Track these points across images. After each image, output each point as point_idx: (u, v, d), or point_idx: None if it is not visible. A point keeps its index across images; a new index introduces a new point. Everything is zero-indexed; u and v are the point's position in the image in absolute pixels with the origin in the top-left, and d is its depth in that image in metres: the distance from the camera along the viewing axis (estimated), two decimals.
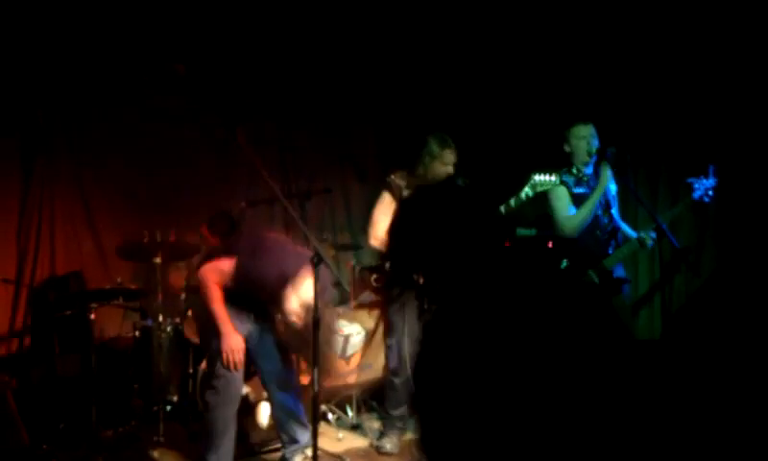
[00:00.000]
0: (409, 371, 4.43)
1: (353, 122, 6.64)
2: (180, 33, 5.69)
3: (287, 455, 4.06)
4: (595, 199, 4.26)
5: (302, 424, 4.05)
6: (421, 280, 4.34)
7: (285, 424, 4.04)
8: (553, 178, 4.11)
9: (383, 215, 4.50)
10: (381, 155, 6.80)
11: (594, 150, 4.31)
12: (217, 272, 3.71)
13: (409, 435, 4.66)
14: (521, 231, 5.06)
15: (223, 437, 3.76)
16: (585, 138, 4.34)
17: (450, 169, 4.45)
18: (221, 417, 3.75)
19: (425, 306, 4.34)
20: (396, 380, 4.51)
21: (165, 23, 5.64)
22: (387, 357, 4.61)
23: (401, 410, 4.57)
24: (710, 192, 4.17)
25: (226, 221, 5.41)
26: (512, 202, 4.17)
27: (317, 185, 5.84)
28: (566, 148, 4.41)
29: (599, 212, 4.35)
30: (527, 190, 4.12)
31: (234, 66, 6.03)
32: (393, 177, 4.54)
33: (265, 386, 4.14)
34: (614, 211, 4.43)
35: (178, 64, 5.66)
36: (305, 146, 6.45)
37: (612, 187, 4.46)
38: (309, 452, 3.99)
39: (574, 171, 4.38)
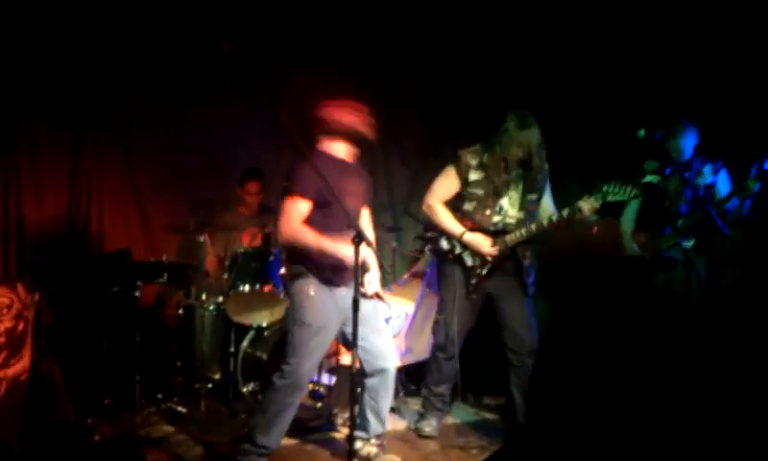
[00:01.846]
0: (456, 349, 4.39)
1: (399, 103, 6.59)
2: (226, 11, 5.71)
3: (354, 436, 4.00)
4: None
5: (380, 420, 3.97)
6: (470, 261, 4.31)
7: (364, 409, 3.95)
8: None
9: (441, 187, 4.37)
10: (425, 137, 6.76)
11: None
12: (295, 216, 3.57)
13: (449, 418, 4.66)
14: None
15: (278, 420, 3.72)
16: None
17: (526, 152, 4.14)
18: (280, 400, 3.70)
19: (473, 284, 4.31)
20: (441, 356, 4.47)
21: (216, 3, 5.67)
22: (434, 333, 4.56)
23: (443, 388, 4.53)
24: None
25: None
26: None
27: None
28: None
29: None
30: None
31: (280, 48, 6.03)
32: (463, 152, 4.32)
33: (362, 366, 3.90)
34: None
35: (224, 43, 5.68)
36: None
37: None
38: (373, 440, 4.01)
39: None
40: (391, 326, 5.00)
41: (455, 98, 6.55)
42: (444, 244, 4.38)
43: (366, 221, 4.01)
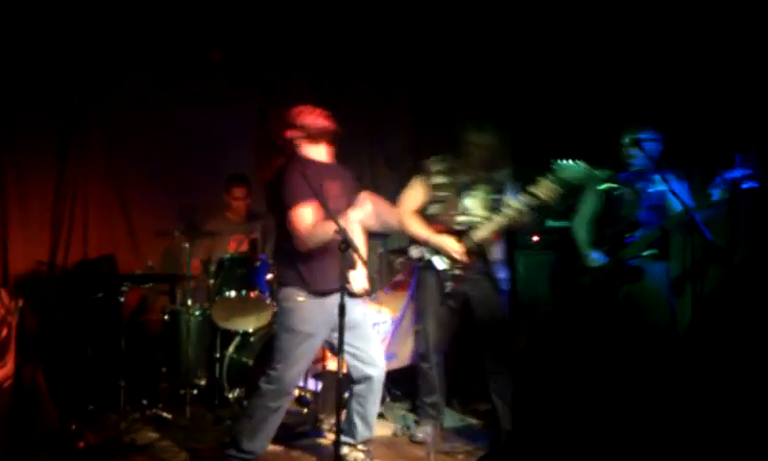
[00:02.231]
0: (438, 357, 4.46)
1: (386, 108, 6.61)
2: (216, 18, 5.71)
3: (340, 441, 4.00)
4: None
5: (368, 425, 3.98)
6: (441, 265, 4.36)
7: (351, 415, 3.97)
8: None
9: (408, 197, 4.48)
10: (412, 142, 6.78)
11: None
12: (304, 222, 3.57)
13: (443, 424, 4.66)
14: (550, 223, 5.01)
15: (263, 425, 3.73)
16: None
17: (486, 156, 4.27)
18: (266, 406, 3.72)
19: (448, 289, 4.35)
20: (425, 366, 4.51)
21: (201, 9, 5.66)
22: (415, 342, 4.61)
23: (434, 398, 4.54)
24: (744, 180, 4.08)
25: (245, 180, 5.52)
26: None
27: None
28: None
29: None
30: None
31: (269, 52, 6.04)
32: (426, 160, 4.47)
33: (350, 371, 3.95)
34: None
35: (214, 50, 5.69)
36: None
37: None
38: (361, 447, 4.02)
39: None
40: (377, 331, 5.01)
41: (440, 104, 6.57)
42: (415, 252, 4.45)
43: (355, 219, 3.98)
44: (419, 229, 4.38)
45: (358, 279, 3.89)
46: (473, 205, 4.34)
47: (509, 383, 4.39)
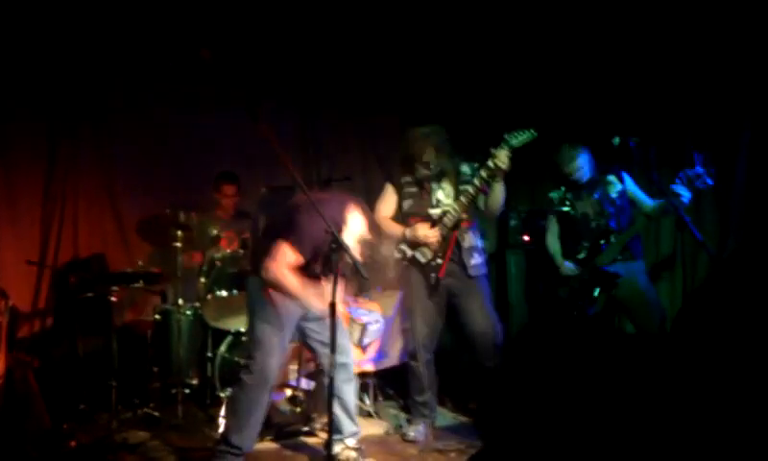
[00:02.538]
0: (427, 355, 4.51)
1: (377, 110, 6.61)
2: (206, 19, 5.70)
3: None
4: None
5: (350, 416, 4.04)
6: (422, 258, 4.45)
7: (333, 409, 3.97)
8: None
9: (382, 202, 4.64)
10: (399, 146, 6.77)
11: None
12: (283, 261, 3.68)
13: (435, 422, 4.68)
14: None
15: (248, 419, 3.75)
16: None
17: (427, 156, 4.46)
18: (249, 399, 3.75)
19: (433, 282, 4.42)
20: (414, 364, 4.54)
21: (191, 9, 5.65)
22: (405, 342, 4.67)
23: (426, 397, 4.57)
24: (704, 179, 4.12)
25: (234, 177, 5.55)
26: None
27: (338, 173, 5.87)
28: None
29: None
30: None
31: (259, 53, 6.04)
32: (395, 166, 4.71)
33: (321, 363, 4.11)
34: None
35: (203, 50, 5.68)
36: (327, 133, 6.46)
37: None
38: (351, 443, 4.05)
39: None
40: (369, 331, 5.02)
41: (427, 111, 6.56)
42: (396, 253, 4.52)
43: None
44: (395, 228, 4.52)
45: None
46: (444, 195, 4.47)
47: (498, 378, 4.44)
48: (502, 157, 4.16)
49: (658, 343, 4.17)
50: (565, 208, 4.78)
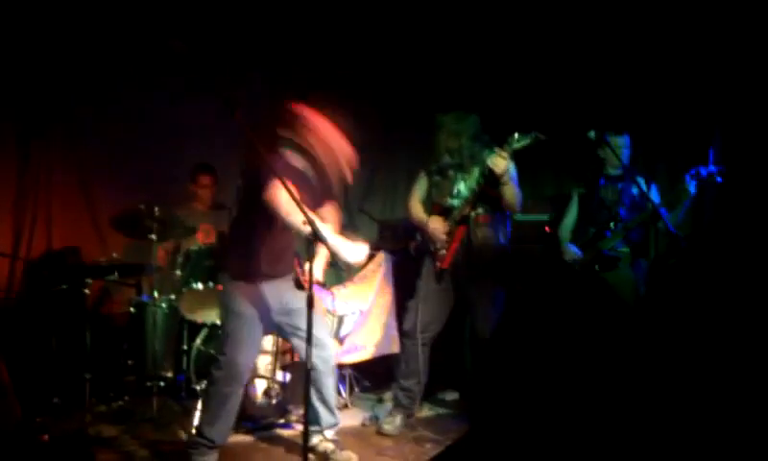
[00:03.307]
0: (422, 338, 4.50)
1: (359, 102, 6.58)
2: (180, 10, 5.65)
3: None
4: None
5: (329, 408, 4.01)
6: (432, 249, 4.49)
7: (312, 401, 3.94)
8: None
9: (415, 189, 4.69)
10: (380, 138, 6.77)
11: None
12: (277, 190, 3.42)
13: (414, 412, 4.68)
14: None
15: (220, 412, 3.73)
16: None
17: (450, 143, 4.47)
18: (221, 392, 3.73)
19: (442, 274, 4.46)
20: (408, 342, 4.56)
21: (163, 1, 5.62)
22: (402, 321, 4.70)
23: (411, 383, 4.55)
24: (715, 177, 4.18)
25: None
26: None
27: None
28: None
29: None
30: None
31: (235, 44, 6.00)
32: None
33: (299, 352, 4.05)
34: None
35: (175, 42, 5.60)
36: None
37: None
38: (329, 435, 4.04)
39: None
40: (345, 323, 5.02)
41: (408, 103, 6.57)
42: (417, 238, 4.62)
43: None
44: (421, 216, 4.58)
45: (315, 270, 3.88)
46: (464, 187, 4.46)
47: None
48: (497, 161, 4.13)
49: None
50: (580, 189, 4.86)
